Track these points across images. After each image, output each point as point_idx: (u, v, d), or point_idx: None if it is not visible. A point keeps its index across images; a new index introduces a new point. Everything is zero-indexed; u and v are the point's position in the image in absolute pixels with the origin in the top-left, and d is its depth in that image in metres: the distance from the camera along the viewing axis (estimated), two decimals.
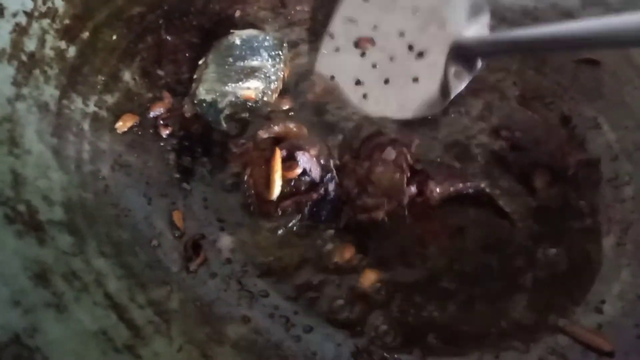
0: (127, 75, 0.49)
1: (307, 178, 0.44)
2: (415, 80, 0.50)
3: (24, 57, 0.42)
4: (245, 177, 0.44)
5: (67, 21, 0.46)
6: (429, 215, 0.45)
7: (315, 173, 0.44)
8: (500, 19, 0.55)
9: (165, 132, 0.48)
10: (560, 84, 0.52)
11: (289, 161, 0.44)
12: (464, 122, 0.50)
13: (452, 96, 0.49)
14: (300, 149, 0.44)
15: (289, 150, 0.44)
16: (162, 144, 0.47)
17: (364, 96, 0.51)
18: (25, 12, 0.43)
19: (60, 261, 0.35)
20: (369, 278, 0.42)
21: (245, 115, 0.49)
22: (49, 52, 0.44)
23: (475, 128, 0.50)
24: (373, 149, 0.46)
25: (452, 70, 0.50)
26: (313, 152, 0.45)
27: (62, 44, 0.45)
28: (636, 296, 0.40)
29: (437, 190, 0.44)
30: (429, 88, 0.50)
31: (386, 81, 0.51)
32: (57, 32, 0.45)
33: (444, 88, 0.50)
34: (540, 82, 0.52)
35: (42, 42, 0.44)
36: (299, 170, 0.44)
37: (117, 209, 0.42)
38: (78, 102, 0.45)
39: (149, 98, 0.49)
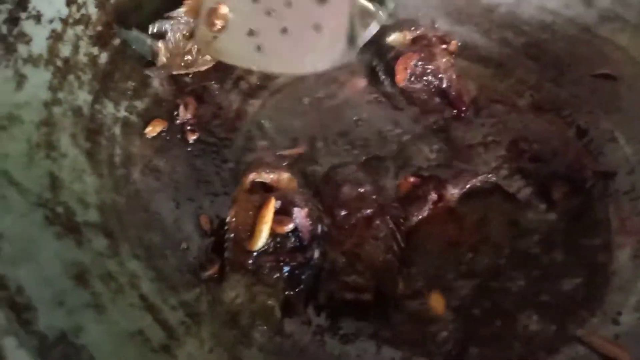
0: (155, 82, 0.50)
1: (294, 238, 0.40)
2: (318, 28, 0.43)
3: (59, 63, 0.43)
4: (228, 218, 0.41)
5: (99, 28, 0.47)
6: (452, 216, 0.45)
7: (305, 235, 0.41)
8: (518, 32, 0.56)
9: (192, 138, 0.49)
10: (578, 97, 0.52)
11: (281, 215, 0.40)
12: (481, 132, 0.51)
13: (360, 44, 0.44)
14: (295, 204, 0.41)
15: (284, 203, 0.41)
16: (189, 149, 0.48)
17: (258, 48, 0.44)
18: (61, 19, 0.44)
19: (96, 263, 0.36)
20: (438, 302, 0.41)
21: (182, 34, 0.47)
22: (82, 57, 0.45)
23: (493, 139, 0.50)
24: (359, 221, 0.43)
25: (360, 12, 0.43)
26: (305, 211, 0.41)
27: (95, 50, 0.46)
28: None
29: (455, 191, 0.46)
30: (333, 37, 0.43)
31: (283, 30, 0.43)
32: (90, 38, 0.46)
33: (351, 36, 0.43)
34: (557, 95, 0.53)
35: (76, 48, 0.45)
36: (290, 227, 0.40)
37: (148, 213, 0.43)
38: (110, 107, 0.46)
39: (176, 104, 0.50)
